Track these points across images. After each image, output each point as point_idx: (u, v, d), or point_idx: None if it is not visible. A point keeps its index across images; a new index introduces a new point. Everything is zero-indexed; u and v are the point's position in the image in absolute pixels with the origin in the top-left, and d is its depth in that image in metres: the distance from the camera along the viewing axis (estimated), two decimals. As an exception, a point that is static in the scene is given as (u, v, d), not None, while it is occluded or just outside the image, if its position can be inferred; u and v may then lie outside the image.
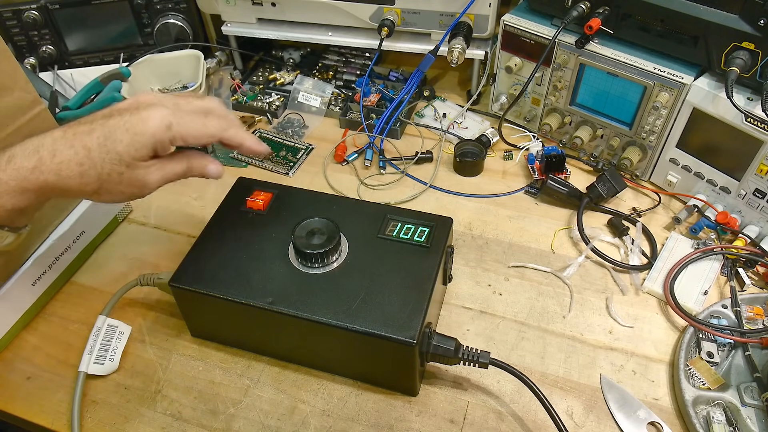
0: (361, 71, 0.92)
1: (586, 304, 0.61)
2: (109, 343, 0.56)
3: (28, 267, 0.60)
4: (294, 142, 0.83)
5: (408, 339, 0.48)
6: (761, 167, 0.61)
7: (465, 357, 0.51)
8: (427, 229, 0.56)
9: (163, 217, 0.73)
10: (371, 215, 0.58)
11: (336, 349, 0.53)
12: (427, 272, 0.53)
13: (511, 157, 0.79)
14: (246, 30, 0.90)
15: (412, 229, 0.56)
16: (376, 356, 0.52)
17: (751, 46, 0.58)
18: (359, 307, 0.50)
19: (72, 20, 0.88)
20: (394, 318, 0.49)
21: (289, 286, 0.52)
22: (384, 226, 0.57)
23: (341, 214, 0.56)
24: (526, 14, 0.75)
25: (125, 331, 0.58)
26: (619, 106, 0.71)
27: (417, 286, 0.52)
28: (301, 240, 0.53)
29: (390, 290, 0.51)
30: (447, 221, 0.57)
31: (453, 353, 0.51)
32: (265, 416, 0.53)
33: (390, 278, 0.52)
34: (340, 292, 0.51)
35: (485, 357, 0.51)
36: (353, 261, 0.54)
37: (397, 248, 0.55)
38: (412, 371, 0.51)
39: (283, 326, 0.52)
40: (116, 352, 0.56)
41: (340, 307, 0.50)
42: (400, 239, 0.56)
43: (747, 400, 0.51)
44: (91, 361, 0.55)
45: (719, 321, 0.57)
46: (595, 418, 0.52)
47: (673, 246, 0.65)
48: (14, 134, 0.56)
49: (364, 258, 0.54)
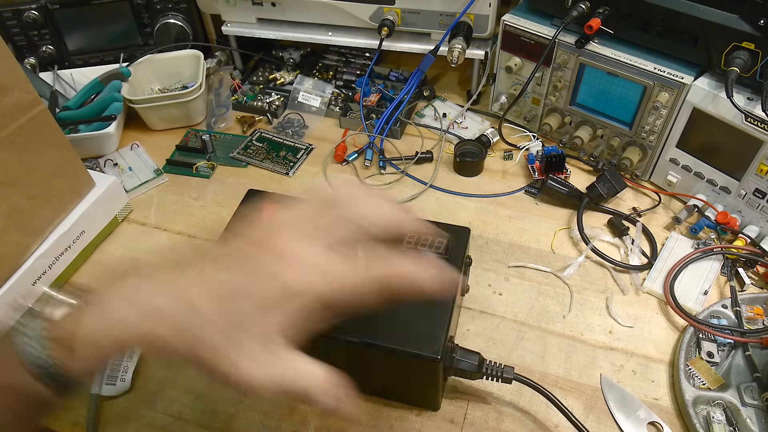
0: (361, 71, 0.92)
1: (586, 304, 0.61)
2: (120, 362, 0.55)
3: (28, 267, 0.60)
4: (294, 142, 0.83)
5: (432, 355, 0.46)
6: (761, 167, 0.61)
7: (488, 372, 0.50)
8: (445, 240, 0.54)
9: (163, 217, 0.73)
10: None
11: (356, 366, 0.52)
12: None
13: (511, 157, 0.79)
14: (246, 30, 0.90)
15: (430, 240, 0.54)
16: (398, 373, 0.51)
17: (751, 46, 0.58)
18: (380, 323, 0.48)
19: (72, 20, 0.88)
20: (416, 334, 0.47)
21: None
22: (401, 237, 0.55)
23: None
24: (526, 14, 0.75)
25: (136, 351, 0.56)
26: (619, 106, 0.71)
27: (437, 300, 0.49)
28: None
29: (410, 305, 0.50)
30: (465, 231, 0.56)
31: (476, 368, 0.50)
32: (265, 416, 0.53)
33: None
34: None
35: (509, 372, 0.50)
36: None
37: None
38: (435, 387, 0.50)
39: (305, 345, 0.51)
40: (127, 372, 0.55)
41: (360, 324, 0.48)
42: (419, 250, 0.54)
43: (747, 400, 0.51)
44: (103, 382, 0.53)
45: (719, 321, 0.57)
46: (595, 418, 0.52)
47: (673, 246, 0.65)
48: (14, 134, 0.56)
49: None
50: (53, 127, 0.61)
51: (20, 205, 0.58)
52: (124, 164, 0.80)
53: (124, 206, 0.72)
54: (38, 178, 0.60)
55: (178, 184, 0.78)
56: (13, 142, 0.56)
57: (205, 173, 0.79)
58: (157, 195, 0.77)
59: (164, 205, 0.75)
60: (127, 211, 0.73)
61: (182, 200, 0.75)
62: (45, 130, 0.60)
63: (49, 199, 0.62)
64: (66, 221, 0.64)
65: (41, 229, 0.62)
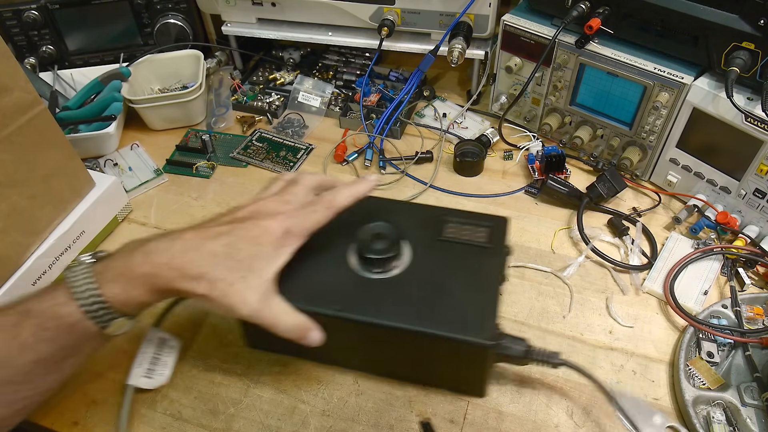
0: (361, 71, 0.92)
1: (586, 304, 0.61)
2: (159, 356, 0.55)
3: (28, 267, 0.60)
4: (294, 142, 0.83)
5: (484, 341, 0.47)
6: (761, 167, 0.61)
7: (535, 357, 0.50)
8: (486, 229, 0.55)
9: (163, 217, 0.73)
10: (428, 218, 0.57)
11: (403, 353, 0.52)
12: (492, 272, 0.52)
13: (511, 157, 0.79)
14: (246, 30, 0.90)
15: (471, 230, 0.55)
16: (446, 359, 0.51)
17: (751, 46, 0.58)
18: (430, 310, 0.49)
19: (72, 20, 0.88)
20: (467, 320, 0.48)
21: (354, 293, 0.50)
22: (442, 228, 0.56)
23: (395, 218, 0.55)
24: (526, 14, 0.75)
25: (175, 345, 0.56)
26: (619, 106, 0.71)
27: (484, 286, 0.50)
28: (365, 245, 0.52)
29: (458, 292, 0.50)
30: (504, 221, 0.56)
31: (524, 353, 0.50)
32: (265, 416, 0.53)
33: (456, 280, 0.51)
34: (408, 296, 0.50)
35: (555, 357, 0.50)
36: (416, 264, 0.53)
37: (459, 250, 0.54)
38: (483, 373, 0.51)
39: (349, 333, 0.51)
40: (167, 367, 0.54)
41: (411, 312, 0.49)
42: (462, 240, 0.54)
43: (747, 400, 0.51)
44: (141, 374, 0.53)
45: (719, 321, 0.57)
46: (595, 418, 0.52)
47: (673, 246, 0.65)
48: (14, 134, 0.56)
49: (427, 261, 0.53)
50: (53, 127, 0.61)
51: (20, 205, 0.58)
52: (124, 164, 0.80)
53: (124, 206, 0.72)
54: (38, 178, 0.60)
55: (178, 184, 0.78)
56: (13, 142, 0.56)
57: (205, 173, 0.79)
58: (157, 195, 0.77)
59: (164, 205, 0.75)
60: (127, 211, 0.73)
61: (182, 200, 0.75)
62: (45, 130, 0.60)
63: (49, 199, 0.62)
64: (66, 221, 0.64)
65: (41, 229, 0.62)
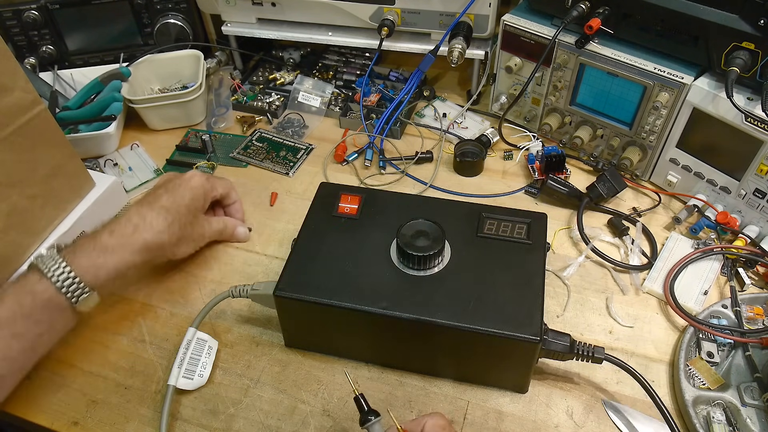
0: (361, 71, 0.92)
1: (587, 304, 0.61)
2: (199, 357, 0.55)
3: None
4: (294, 142, 0.83)
5: (532, 336, 0.47)
6: (761, 167, 0.61)
7: (580, 352, 0.50)
8: (525, 225, 0.56)
9: (163, 217, 0.73)
10: (465, 214, 0.57)
11: (448, 350, 0.52)
12: (534, 268, 0.52)
13: (511, 157, 0.79)
14: (246, 30, 0.90)
15: (510, 226, 0.56)
16: (493, 356, 0.51)
17: (751, 46, 0.58)
18: (475, 307, 0.49)
19: (72, 20, 0.88)
20: (512, 316, 0.48)
21: (399, 290, 0.51)
22: (481, 224, 0.56)
23: (435, 215, 0.55)
24: (526, 14, 0.75)
25: (213, 346, 0.56)
26: (619, 106, 0.71)
27: (528, 283, 0.51)
28: (407, 242, 0.52)
29: (501, 289, 0.51)
30: (543, 217, 0.57)
31: (568, 349, 0.50)
32: (265, 416, 0.53)
33: (498, 276, 0.52)
34: (452, 293, 0.50)
35: (600, 352, 0.50)
36: (458, 261, 0.53)
37: (499, 246, 0.54)
38: (529, 368, 0.51)
39: (394, 330, 0.51)
40: (206, 368, 0.55)
41: (457, 308, 0.49)
42: (501, 237, 0.55)
43: (747, 400, 0.51)
44: (180, 375, 0.53)
45: (719, 321, 0.57)
46: (595, 418, 0.52)
47: (673, 246, 0.65)
48: (14, 134, 0.56)
49: (468, 257, 0.53)
50: (53, 127, 0.61)
51: (20, 205, 0.58)
52: (124, 164, 0.80)
53: (124, 206, 0.72)
54: (38, 178, 0.60)
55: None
56: (13, 142, 0.56)
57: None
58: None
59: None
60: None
61: (182, 200, 0.75)
62: (45, 130, 0.60)
63: (49, 199, 0.62)
64: (66, 221, 0.64)
65: (41, 229, 0.62)
